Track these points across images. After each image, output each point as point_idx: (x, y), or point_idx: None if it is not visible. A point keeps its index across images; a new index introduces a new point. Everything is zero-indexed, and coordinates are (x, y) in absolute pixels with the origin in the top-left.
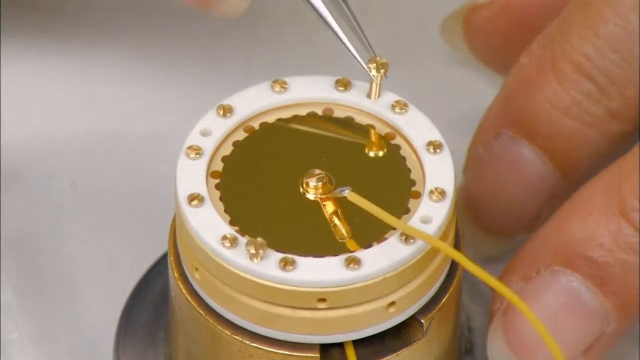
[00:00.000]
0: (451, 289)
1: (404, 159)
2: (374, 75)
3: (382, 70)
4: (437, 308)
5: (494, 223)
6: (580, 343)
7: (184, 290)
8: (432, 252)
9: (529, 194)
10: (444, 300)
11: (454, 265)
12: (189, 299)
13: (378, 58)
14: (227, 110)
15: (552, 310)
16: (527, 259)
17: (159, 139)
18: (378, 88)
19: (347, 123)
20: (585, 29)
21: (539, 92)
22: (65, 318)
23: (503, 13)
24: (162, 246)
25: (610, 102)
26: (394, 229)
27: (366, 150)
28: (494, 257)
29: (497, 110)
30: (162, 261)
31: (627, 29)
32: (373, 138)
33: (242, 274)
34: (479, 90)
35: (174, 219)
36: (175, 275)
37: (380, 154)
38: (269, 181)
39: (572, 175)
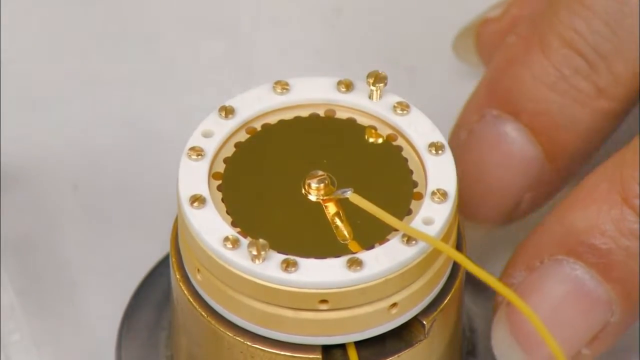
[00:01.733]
0: (453, 290)
1: (405, 160)
2: (372, 89)
3: (381, 84)
4: (439, 309)
5: (474, 208)
6: (584, 333)
7: (185, 292)
8: (434, 254)
9: (512, 176)
10: (446, 301)
11: (456, 267)
12: (191, 300)
13: (375, 73)
14: (229, 112)
15: (556, 300)
16: (531, 250)
17: (161, 140)
18: (379, 93)
19: (349, 124)
20: (573, 2)
21: (526, 69)
22: (67, 319)
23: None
24: (164, 247)
25: (599, 78)
26: (396, 230)
27: (368, 152)
28: (474, 242)
29: (482, 92)
30: (164, 262)
31: (616, 0)
32: (375, 139)
33: (244, 276)
34: None
35: (176, 220)
36: (177, 276)
37: (382, 155)
38: (271, 182)
39: (556, 158)
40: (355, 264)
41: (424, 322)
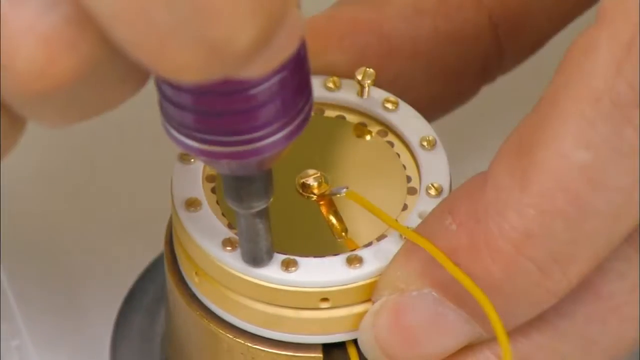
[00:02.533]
0: None
1: (397, 155)
2: (361, 86)
3: (369, 81)
4: None
5: None
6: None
7: (183, 295)
8: None
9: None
10: None
11: None
12: (189, 303)
13: (364, 70)
14: None
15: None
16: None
17: (159, 143)
18: (367, 90)
19: (339, 122)
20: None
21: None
22: (67, 323)
23: None
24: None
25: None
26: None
27: (360, 149)
28: None
29: (417, 270)
30: (149, 270)
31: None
32: (366, 136)
33: (245, 277)
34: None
35: (170, 223)
36: (173, 280)
37: (374, 151)
38: None
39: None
40: (355, 261)
41: None
